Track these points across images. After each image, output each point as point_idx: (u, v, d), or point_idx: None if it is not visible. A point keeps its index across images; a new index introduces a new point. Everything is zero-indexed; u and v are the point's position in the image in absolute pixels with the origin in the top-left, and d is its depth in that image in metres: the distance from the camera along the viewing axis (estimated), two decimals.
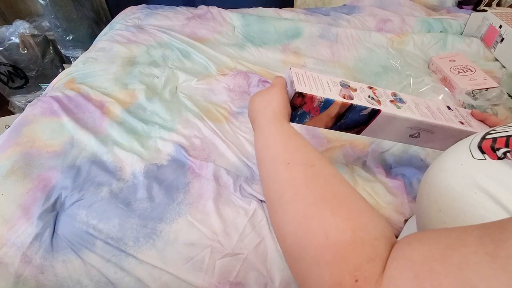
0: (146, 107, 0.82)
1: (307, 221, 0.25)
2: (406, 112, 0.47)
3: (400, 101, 0.49)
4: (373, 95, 0.47)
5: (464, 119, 0.50)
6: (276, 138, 0.35)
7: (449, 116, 0.50)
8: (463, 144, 0.31)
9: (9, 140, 0.70)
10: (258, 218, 0.57)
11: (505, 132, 0.28)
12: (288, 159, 0.31)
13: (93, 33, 1.43)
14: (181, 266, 0.53)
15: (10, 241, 0.53)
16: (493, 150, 0.27)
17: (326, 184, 0.28)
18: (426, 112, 0.49)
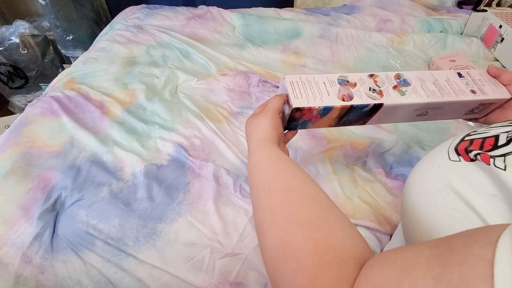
0: (146, 107, 0.82)
1: (282, 248, 0.27)
2: (410, 98, 0.45)
3: (404, 83, 0.47)
4: (375, 86, 0.46)
5: (477, 84, 0.48)
6: (260, 164, 0.37)
7: (459, 86, 0.47)
8: (444, 145, 0.32)
9: (9, 140, 0.70)
10: None
11: (483, 134, 0.29)
12: (269, 186, 0.33)
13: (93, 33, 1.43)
14: (181, 266, 0.53)
15: (10, 241, 0.53)
16: (466, 152, 0.27)
17: (301, 209, 0.29)
18: (433, 89, 0.47)
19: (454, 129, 0.77)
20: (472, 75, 0.49)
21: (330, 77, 0.46)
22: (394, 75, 0.48)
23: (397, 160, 0.69)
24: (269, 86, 0.92)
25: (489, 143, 0.27)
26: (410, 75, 0.48)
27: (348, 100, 0.44)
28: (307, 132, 0.75)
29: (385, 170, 0.66)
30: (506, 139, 0.26)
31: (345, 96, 0.44)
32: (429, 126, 0.78)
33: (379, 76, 0.47)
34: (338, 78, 0.46)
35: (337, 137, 0.74)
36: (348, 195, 0.60)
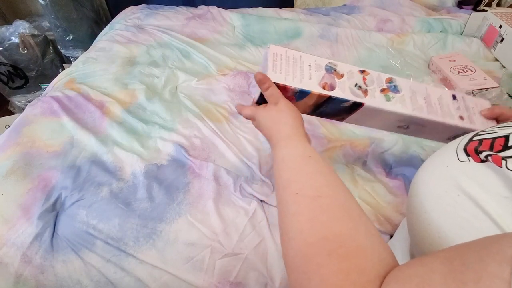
0: (146, 107, 0.82)
1: (305, 262, 0.26)
2: (394, 105, 0.43)
3: (394, 89, 0.44)
4: (362, 83, 0.43)
5: (468, 112, 0.46)
6: (289, 163, 0.35)
7: (448, 109, 0.45)
8: (451, 145, 0.31)
9: (9, 140, 0.70)
10: (258, 218, 0.57)
11: (493, 134, 0.28)
12: (297, 189, 0.31)
13: (93, 33, 1.42)
14: (181, 266, 0.53)
15: (10, 241, 0.53)
16: (476, 153, 0.27)
17: (329, 220, 0.28)
18: (421, 104, 0.44)
19: None
20: (467, 101, 0.48)
21: (318, 61, 0.43)
22: (387, 78, 0.45)
23: (397, 160, 0.69)
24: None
25: (499, 144, 0.26)
26: (403, 83, 0.45)
27: (329, 89, 0.41)
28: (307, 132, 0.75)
29: (385, 170, 0.66)
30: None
31: (326, 85, 0.41)
32: None
33: (370, 75, 0.44)
34: (326, 64, 0.43)
35: (337, 137, 0.75)
36: None
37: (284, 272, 0.52)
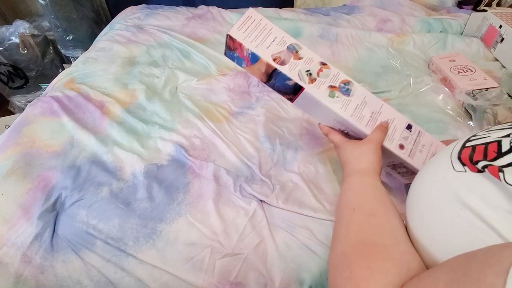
0: (146, 107, 0.82)
1: (342, 259, 0.30)
2: (333, 104, 0.43)
3: (345, 91, 0.45)
4: (315, 72, 0.44)
5: (415, 146, 0.45)
6: (356, 187, 0.38)
7: (392, 133, 0.45)
8: (445, 153, 0.31)
9: (9, 140, 0.70)
10: (258, 218, 0.57)
11: (485, 139, 0.28)
12: (355, 206, 0.35)
13: (93, 33, 1.42)
14: (181, 266, 0.53)
15: (10, 241, 0.53)
16: (472, 162, 0.26)
17: (374, 233, 0.31)
18: (364, 115, 0.45)
19: (454, 129, 0.77)
20: (422, 137, 0.48)
21: (286, 38, 0.45)
22: (344, 80, 0.46)
23: None
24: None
25: (493, 150, 0.26)
26: (359, 91, 0.46)
27: (278, 64, 0.42)
28: (307, 132, 0.75)
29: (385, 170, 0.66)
30: (509, 145, 0.25)
31: (278, 59, 0.43)
32: (428, 127, 0.78)
33: (330, 70, 0.45)
34: (291, 44, 0.45)
35: None
36: None
37: (284, 272, 0.53)
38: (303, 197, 0.60)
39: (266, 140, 0.73)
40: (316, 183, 0.63)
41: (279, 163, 0.68)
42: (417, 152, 0.46)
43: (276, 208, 0.59)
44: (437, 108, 0.84)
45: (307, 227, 0.56)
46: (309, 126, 0.77)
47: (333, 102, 0.44)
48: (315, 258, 0.53)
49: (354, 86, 0.46)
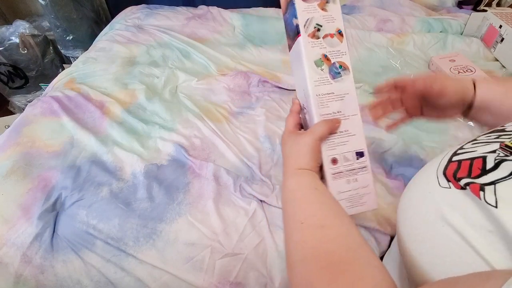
0: (146, 107, 0.82)
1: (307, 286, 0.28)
2: (311, 71, 0.38)
3: (334, 74, 0.39)
4: (324, 34, 0.39)
5: (346, 173, 0.40)
6: (296, 193, 0.36)
7: (336, 140, 0.40)
8: (432, 167, 0.30)
9: (9, 140, 0.70)
10: (258, 218, 0.57)
11: (471, 153, 0.28)
12: (303, 218, 0.33)
13: (93, 33, 1.42)
14: (181, 266, 0.53)
15: (10, 241, 0.53)
16: (455, 179, 0.26)
17: (332, 250, 0.30)
18: (328, 107, 0.39)
19: (454, 129, 0.77)
20: (362, 174, 0.41)
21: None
22: (343, 63, 0.40)
23: (397, 160, 0.69)
24: (269, 86, 0.92)
25: (477, 167, 0.26)
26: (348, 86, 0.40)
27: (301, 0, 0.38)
28: None
29: (385, 170, 0.66)
30: (494, 162, 0.25)
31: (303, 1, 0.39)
32: (429, 127, 0.78)
33: (339, 44, 0.39)
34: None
35: None
36: None
37: (283, 273, 0.53)
38: None
39: (266, 140, 0.73)
40: None
41: (279, 163, 0.68)
42: (343, 180, 0.40)
43: (276, 208, 0.59)
44: None
45: None
46: None
47: (314, 70, 0.38)
48: None
49: (347, 77, 0.40)
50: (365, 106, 0.86)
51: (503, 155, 0.25)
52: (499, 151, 0.26)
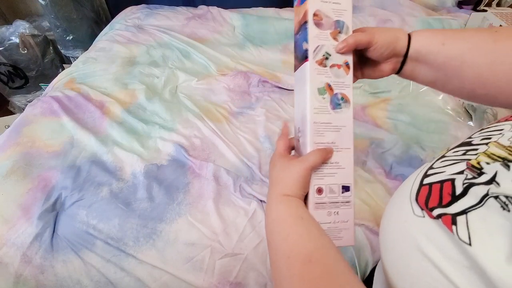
0: (146, 107, 0.82)
1: None
2: (313, 98, 0.38)
3: (335, 105, 0.39)
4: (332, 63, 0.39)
5: (329, 204, 0.39)
6: (281, 224, 0.35)
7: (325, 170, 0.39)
8: (405, 190, 0.30)
9: (9, 140, 0.70)
10: (258, 218, 0.57)
11: (441, 174, 0.27)
12: (289, 253, 0.32)
13: (93, 33, 1.42)
14: (181, 266, 0.53)
15: (10, 241, 0.53)
16: (427, 208, 0.25)
17: (319, 285, 0.29)
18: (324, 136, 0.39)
19: (453, 129, 0.77)
20: (344, 208, 0.40)
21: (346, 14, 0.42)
22: (345, 95, 0.40)
23: (397, 160, 0.69)
24: (269, 86, 0.92)
25: (447, 192, 0.25)
26: (346, 119, 0.40)
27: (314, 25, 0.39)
28: None
29: (385, 170, 0.66)
30: (462, 186, 0.24)
31: (318, 16, 0.39)
32: (428, 127, 0.78)
33: (345, 75, 0.40)
34: (343, 21, 0.42)
35: None
36: None
37: None
38: None
39: (266, 140, 0.73)
40: None
41: None
42: (325, 211, 0.39)
43: None
44: (437, 108, 0.84)
45: None
46: None
47: (315, 97, 0.38)
48: None
49: (347, 109, 0.40)
50: (365, 106, 0.87)
51: (470, 176, 0.25)
52: (466, 172, 0.25)
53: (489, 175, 0.24)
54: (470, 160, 0.26)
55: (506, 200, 0.21)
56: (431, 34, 0.38)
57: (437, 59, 0.37)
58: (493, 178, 0.23)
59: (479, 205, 0.22)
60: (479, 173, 0.24)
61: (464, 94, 0.39)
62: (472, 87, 0.36)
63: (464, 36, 0.37)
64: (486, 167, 0.24)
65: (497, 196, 0.22)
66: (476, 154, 0.27)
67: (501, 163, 0.24)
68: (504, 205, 0.21)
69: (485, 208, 0.22)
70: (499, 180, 0.23)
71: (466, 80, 0.36)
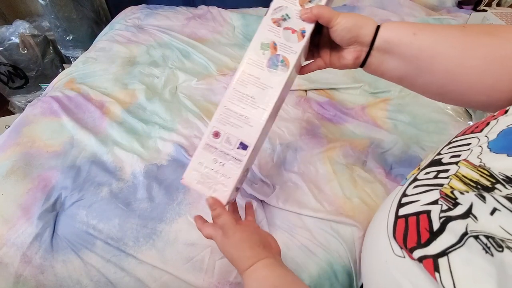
0: (146, 107, 0.82)
1: None
2: (253, 49, 0.38)
3: (273, 63, 0.38)
4: (287, 26, 0.38)
5: (227, 155, 0.38)
6: None
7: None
8: (381, 224, 0.28)
9: (9, 140, 0.70)
10: (258, 218, 0.57)
11: (415, 204, 0.26)
12: None
13: (93, 33, 1.43)
14: (181, 266, 0.53)
15: (10, 241, 0.53)
16: (406, 248, 0.24)
17: None
18: (252, 89, 0.38)
19: (453, 129, 0.77)
20: (227, 167, 0.38)
21: None
22: (288, 60, 0.38)
23: (397, 160, 0.69)
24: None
25: (425, 227, 0.24)
26: (277, 85, 0.38)
27: None
28: (307, 132, 0.75)
29: (385, 170, 0.66)
30: (439, 221, 0.23)
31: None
32: (428, 127, 0.78)
33: (298, 43, 0.38)
34: None
35: (337, 137, 0.75)
36: (348, 195, 0.60)
37: None
38: (303, 197, 0.60)
39: (266, 140, 0.73)
40: (316, 183, 0.63)
41: (279, 163, 0.68)
42: (212, 155, 0.38)
43: (276, 208, 0.59)
44: (437, 108, 0.84)
45: (307, 228, 0.56)
46: (309, 126, 0.77)
47: (255, 50, 0.38)
48: (314, 259, 0.53)
49: (282, 73, 0.38)
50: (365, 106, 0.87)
51: (446, 208, 0.24)
52: (441, 202, 0.24)
53: (465, 206, 0.23)
54: (443, 187, 0.25)
55: (487, 241, 0.20)
56: (401, 25, 0.37)
57: (410, 51, 0.35)
58: (469, 210, 0.22)
59: (459, 245, 0.21)
60: (454, 204, 0.23)
61: (433, 90, 0.37)
62: (442, 82, 0.35)
63: (435, 28, 0.36)
64: (461, 198, 0.23)
65: (477, 236, 0.21)
66: (448, 177, 0.26)
67: (476, 193, 0.23)
68: (486, 248, 0.20)
69: (467, 249, 0.21)
70: (476, 213, 0.22)
71: (437, 74, 0.35)
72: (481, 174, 0.24)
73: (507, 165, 0.23)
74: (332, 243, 0.54)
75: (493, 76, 0.32)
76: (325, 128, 0.77)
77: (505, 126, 0.26)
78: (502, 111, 0.29)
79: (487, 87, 0.33)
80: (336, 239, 0.54)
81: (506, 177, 0.22)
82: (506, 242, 0.19)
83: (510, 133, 0.25)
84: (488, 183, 0.23)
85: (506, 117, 0.28)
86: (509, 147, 0.24)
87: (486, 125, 0.29)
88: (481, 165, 0.24)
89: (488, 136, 0.27)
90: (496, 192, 0.22)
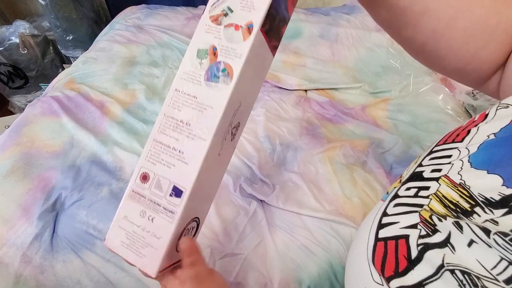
0: (146, 107, 0.82)
1: None
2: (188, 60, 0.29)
3: (214, 73, 0.28)
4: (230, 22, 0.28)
5: (157, 205, 0.29)
6: None
7: None
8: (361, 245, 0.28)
9: (9, 140, 0.70)
10: (258, 218, 0.57)
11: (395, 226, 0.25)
12: None
13: (93, 33, 1.43)
14: None
15: (10, 241, 0.53)
16: (384, 277, 0.24)
17: None
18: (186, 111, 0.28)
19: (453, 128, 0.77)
20: (157, 223, 0.29)
21: None
22: (227, 65, 0.28)
23: (397, 160, 0.69)
24: (269, 86, 0.92)
25: (403, 254, 0.23)
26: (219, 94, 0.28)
27: None
28: (307, 132, 0.75)
29: (385, 170, 0.66)
30: (417, 248, 0.23)
31: None
32: (428, 127, 0.78)
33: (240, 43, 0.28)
34: None
35: (337, 137, 0.75)
36: (348, 195, 0.60)
37: (283, 273, 0.53)
38: (303, 197, 0.60)
39: (266, 140, 0.73)
40: (316, 183, 0.63)
41: (279, 163, 0.68)
42: (139, 207, 0.30)
43: (276, 208, 0.59)
44: (437, 108, 0.84)
45: (307, 228, 0.56)
46: (309, 126, 0.77)
47: (191, 60, 0.29)
48: (314, 258, 0.53)
49: (224, 87, 0.28)
50: (365, 106, 0.87)
51: (424, 233, 0.23)
52: (420, 227, 0.24)
53: (443, 234, 0.22)
54: (423, 208, 0.25)
55: (463, 278, 0.19)
56: None
57: (400, 2, 0.31)
58: (447, 239, 0.22)
59: (436, 277, 0.21)
60: (433, 230, 0.23)
61: (411, 46, 0.35)
62: (423, 41, 0.33)
63: None
64: (440, 225, 0.23)
65: (453, 270, 0.20)
66: (428, 196, 0.25)
67: (453, 221, 0.22)
68: (462, 285, 0.19)
69: (443, 283, 0.20)
70: (454, 243, 0.21)
71: (421, 32, 0.32)
72: (461, 194, 0.23)
73: (487, 184, 0.22)
74: (332, 243, 0.54)
75: (478, 43, 0.30)
76: (325, 128, 0.77)
77: (486, 136, 0.25)
78: (482, 115, 0.28)
79: (469, 54, 0.31)
80: (336, 239, 0.54)
81: (486, 199, 0.21)
82: (482, 281, 0.19)
83: (490, 146, 0.24)
84: (467, 206, 0.22)
85: (486, 124, 0.27)
86: (489, 162, 0.23)
87: (467, 133, 0.27)
88: (462, 183, 0.23)
89: (469, 148, 0.25)
90: (475, 217, 0.21)
